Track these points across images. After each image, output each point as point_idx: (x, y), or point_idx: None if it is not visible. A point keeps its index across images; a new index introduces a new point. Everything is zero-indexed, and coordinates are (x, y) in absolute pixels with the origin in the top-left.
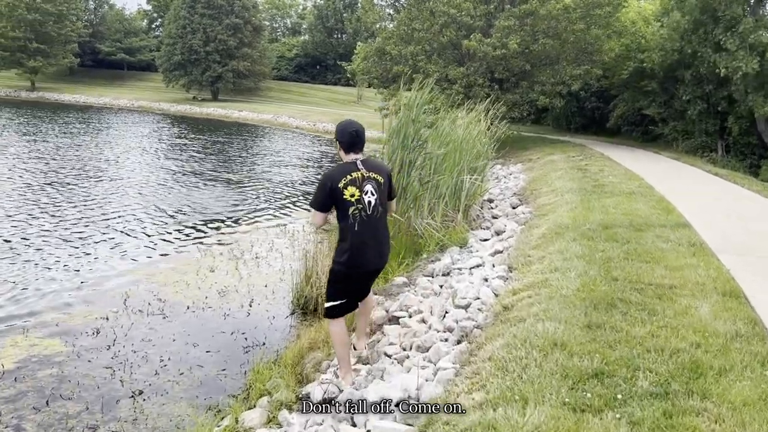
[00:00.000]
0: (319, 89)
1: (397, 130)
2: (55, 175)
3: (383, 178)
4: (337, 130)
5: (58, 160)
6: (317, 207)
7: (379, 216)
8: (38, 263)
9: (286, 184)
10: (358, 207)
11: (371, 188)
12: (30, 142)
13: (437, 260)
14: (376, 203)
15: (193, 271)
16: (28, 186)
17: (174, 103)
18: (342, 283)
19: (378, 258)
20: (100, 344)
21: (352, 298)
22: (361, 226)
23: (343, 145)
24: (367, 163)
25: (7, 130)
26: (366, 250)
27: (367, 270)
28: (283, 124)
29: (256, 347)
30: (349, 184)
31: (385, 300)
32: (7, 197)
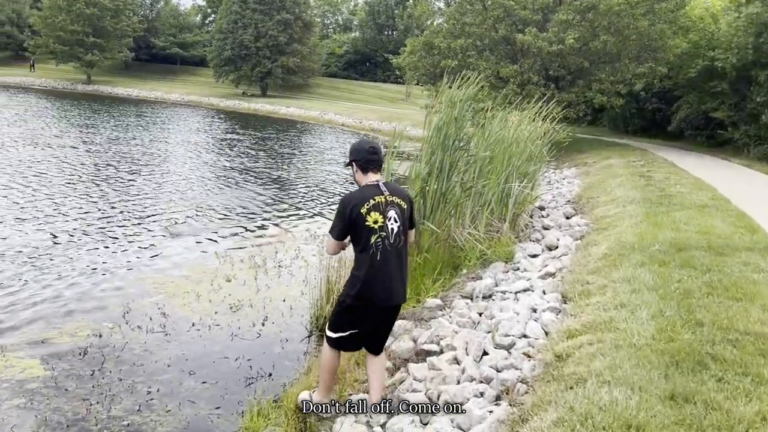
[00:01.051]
0: (367, 86)
1: (438, 128)
2: (99, 168)
3: (406, 204)
4: (351, 149)
5: (108, 153)
6: (336, 235)
7: (401, 245)
8: (42, 265)
9: (324, 183)
10: (381, 235)
11: (395, 214)
12: (83, 134)
13: (478, 278)
14: (399, 231)
15: (207, 280)
16: (75, 178)
17: (223, 98)
18: (352, 315)
19: (397, 293)
20: (83, 369)
21: (361, 338)
22: (383, 257)
23: (360, 164)
24: (389, 186)
25: (63, 122)
26: (384, 283)
27: (383, 305)
28: (329, 121)
29: (261, 379)
30: (372, 210)
31: (414, 327)
32: (45, 190)
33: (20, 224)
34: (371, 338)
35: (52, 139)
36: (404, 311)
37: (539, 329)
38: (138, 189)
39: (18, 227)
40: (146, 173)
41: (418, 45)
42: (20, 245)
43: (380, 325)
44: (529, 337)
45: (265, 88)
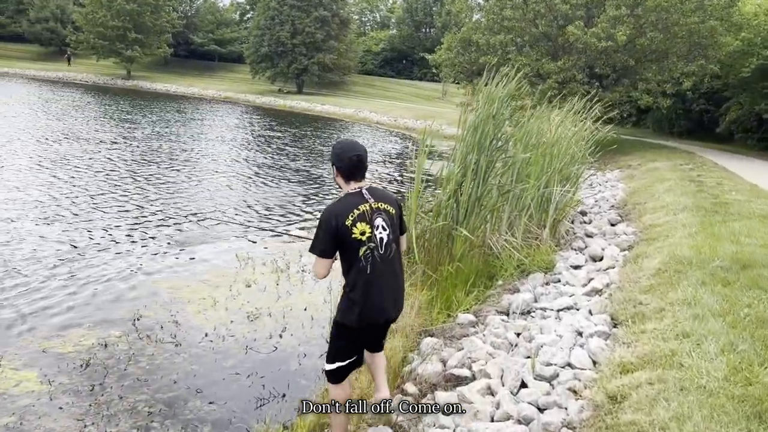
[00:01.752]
0: (403, 84)
1: (474, 127)
2: (137, 164)
3: (394, 209)
4: (333, 152)
5: (146, 149)
6: (319, 252)
7: (393, 255)
8: (58, 264)
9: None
10: (370, 246)
11: (382, 222)
12: (123, 129)
13: (515, 291)
14: (389, 240)
15: (226, 285)
16: (113, 174)
17: (259, 95)
18: (350, 341)
19: (393, 307)
20: (82, 384)
21: (360, 355)
22: (374, 269)
23: (342, 171)
24: (373, 191)
25: (104, 117)
26: (380, 297)
27: (381, 322)
28: (364, 119)
29: (273, 400)
30: (357, 220)
31: (444, 345)
32: (82, 187)
33: (47, 222)
34: (369, 345)
35: (92, 133)
36: (434, 327)
37: (586, 358)
38: (173, 186)
39: (44, 225)
40: (183, 170)
41: (455, 41)
42: (42, 243)
43: (378, 336)
44: (575, 367)
45: (301, 85)
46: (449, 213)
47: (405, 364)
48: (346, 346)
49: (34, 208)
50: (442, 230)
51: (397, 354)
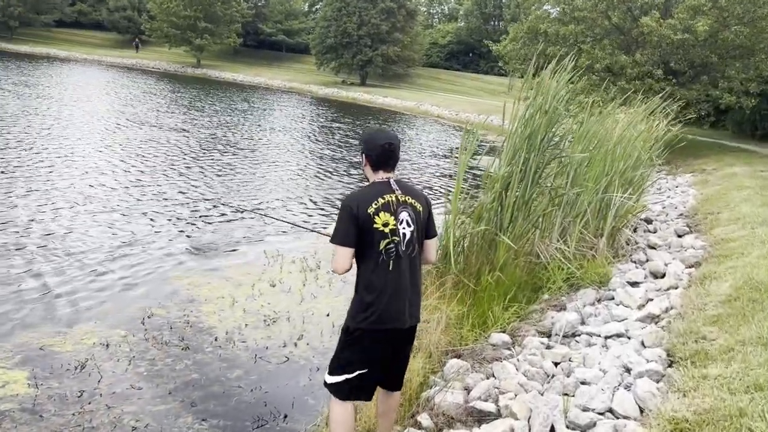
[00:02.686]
0: (468, 78)
1: (525, 122)
2: (202, 152)
3: (422, 207)
4: (363, 139)
5: (211, 137)
6: (340, 240)
7: (415, 255)
8: (85, 251)
9: (425, 177)
10: (393, 240)
11: (408, 217)
12: (190, 116)
13: (562, 308)
14: (412, 237)
15: (249, 283)
16: (176, 161)
17: (322, 86)
18: (359, 349)
19: (412, 311)
20: (72, 389)
21: (370, 378)
22: (397, 266)
23: (371, 159)
24: (402, 184)
25: (173, 104)
26: (401, 300)
27: (400, 327)
28: (425, 113)
29: (274, 421)
30: (381, 210)
31: (471, 369)
32: (143, 173)
33: (92, 208)
34: (387, 374)
35: (161, 119)
36: (462, 348)
37: (632, 404)
38: (229, 176)
39: (90, 211)
40: (244, 159)
41: (521, 31)
42: (83, 228)
43: (396, 355)
44: (617, 415)
45: (364, 76)
46: (493, 217)
47: (424, 389)
48: (357, 356)
49: (87, 192)
50: (483, 236)
51: (417, 376)
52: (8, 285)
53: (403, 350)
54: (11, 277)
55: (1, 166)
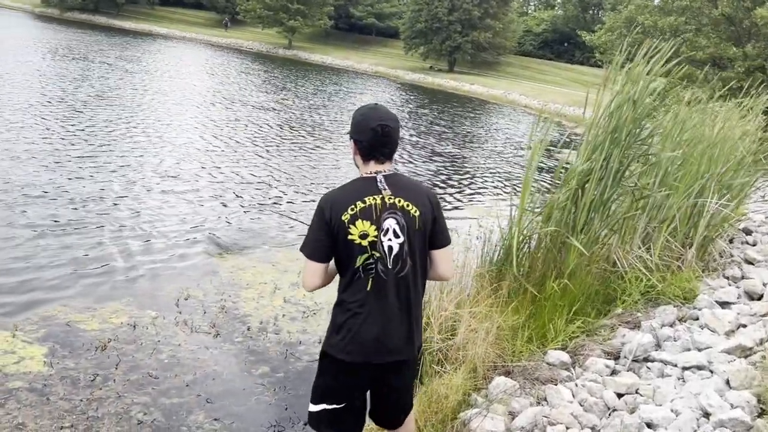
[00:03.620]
0: (562, 68)
1: (610, 114)
2: (287, 133)
3: (420, 211)
4: (352, 121)
5: (298, 119)
6: (308, 252)
7: (407, 274)
8: (137, 226)
9: (507, 170)
10: (373, 255)
11: (395, 225)
12: (278, 95)
13: (635, 326)
14: (402, 252)
15: (295, 270)
16: (261, 141)
17: (409, 71)
18: (331, 379)
19: (397, 344)
20: (87, 372)
21: (349, 415)
22: (376, 288)
23: (360, 146)
24: (395, 181)
25: (266, 83)
26: (379, 327)
27: (376, 362)
28: (512, 102)
29: (291, 428)
30: (359, 217)
31: (520, 391)
32: (228, 150)
33: (177, 183)
34: (377, 411)
35: (249, 97)
36: (513, 364)
37: None
38: (310, 157)
39: (172, 186)
40: (328, 143)
41: (618, 21)
42: (151, 201)
43: (381, 391)
44: None
45: (452, 63)
46: (565, 217)
47: (463, 409)
48: (330, 386)
49: (170, 169)
50: (552, 237)
51: (455, 393)
52: (56, 255)
53: (392, 385)
54: (62, 246)
55: (98, 138)
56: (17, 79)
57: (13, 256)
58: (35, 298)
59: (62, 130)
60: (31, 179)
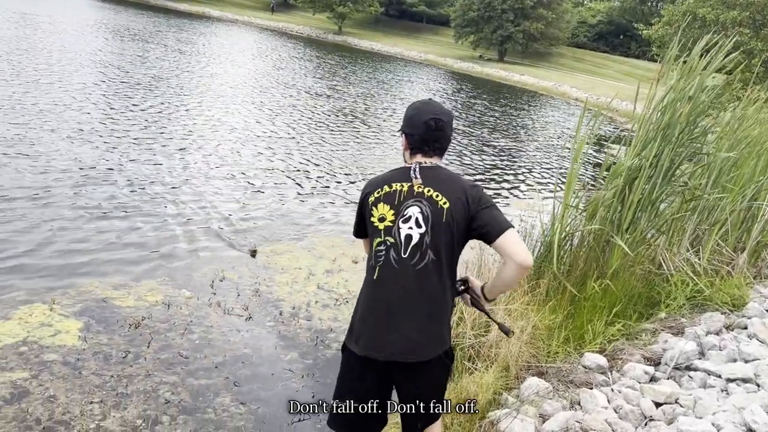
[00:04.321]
0: (616, 61)
1: (662, 109)
2: (337, 117)
3: (451, 202)
4: (405, 114)
5: (348, 104)
6: (353, 231)
7: (424, 268)
8: (181, 207)
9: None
10: (386, 242)
11: (418, 214)
12: (331, 81)
13: (679, 332)
14: (422, 242)
15: (331, 257)
16: (309, 125)
17: (458, 60)
18: (344, 371)
19: (400, 347)
20: (118, 349)
21: (360, 416)
22: (384, 277)
23: (410, 140)
24: (432, 173)
25: (319, 68)
26: (381, 321)
27: (375, 357)
28: (563, 94)
29: (316, 418)
30: (382, 200)
31: (553, 393)
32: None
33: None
34: (407, 413)
35: (305, 85)
36: (548, 365)
37: None
38: (359, 144)
39: (218, 167)
40: (380, 131)
41: (677, 14)
42: (201, 187)
43: (399, 396)
44: None
45: (503, 53)
46: (610, 215)
47: (492, 408)
48: (344, 379)
49: (220, 151)
50: (595, 236)
51: (485, 392)
52: (98, 232)
53: (404, 390)
54: (105, 223)
55: (152, 120)
56: (79, 60)
57: (57, 230)
58: (74, 273)
59: (120, 110)
60: (87, 158)
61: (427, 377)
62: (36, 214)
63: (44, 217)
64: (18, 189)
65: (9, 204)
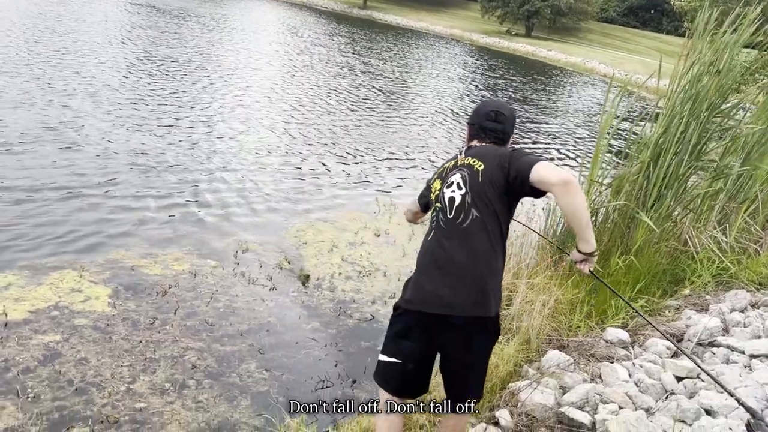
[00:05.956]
0: (645, 36)
1: (690, 83)
2: (357, 94)
3: (484, 164)
4: (474, 108)
5: (369, 81)
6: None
7: (470, 225)
8: (208, 181)
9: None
10: (436, 207)
11: (459, 179)
12: (359, 57)
13: (703, 309)
14: (464, 202)
15: (353, 230)
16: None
17: (484, 35)
18: (396, 330)
19: (453, 301)
20: (146, 314)
21: (399, 373)
22: (434, 237)
23: (472, 130)
24: (475, 149)
25: (349, 44)
26: (433, 276)
27: (434, 317)
28: (591, 70)
29: (339, 384)
30: (436, 177)
31: (574, 366)
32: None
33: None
34: (447, 373)
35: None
36: (569, 338)
37: None
38: (381, 120)
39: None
40: (399, 106)
41: None
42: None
43: (443, 354)
44: None
45: (530, 27)
46: (635, 191)
47: (513, 379)
48: (391, 335)
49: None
50: (620, 212)
51: (506, 363)
52: (125, 201)
53: (453, 350)
54: (133, 192)
55: (184, 93)
56: (108, 34)
57: (86, 199)
58: (103, 241)
59: (150, 84)
60: (120, 124)
61: (477, 336)
62: (64, 184)
63: (71, 188)
64: (49, 163)
65: (40, 174)
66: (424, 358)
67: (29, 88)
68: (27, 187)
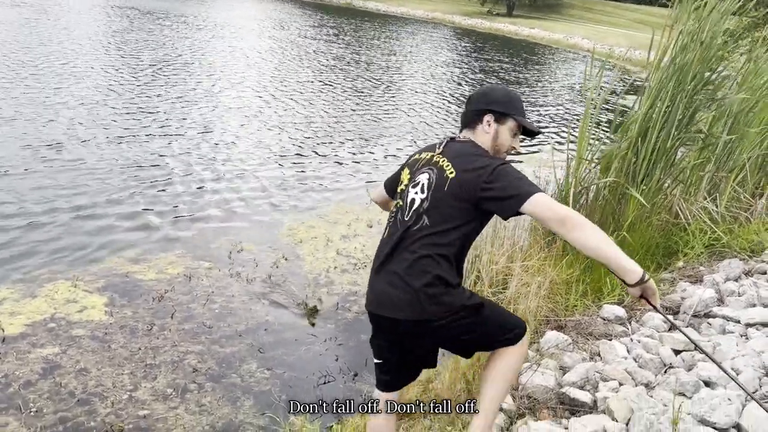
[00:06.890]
0: (627, 9)
1: (674, 54)
2: (346, 83)
3: (456, 173)
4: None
5: (354, 70)
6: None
7: (419, 231)
8: (196, 178)
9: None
10: (398, 204)
11: (426, 181)
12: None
13: (698, 280)
14: (423, 207)
15: (346, 222)
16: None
17: (466, 17)
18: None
19: (389, 302)
20: (144, 321)
21: (385, 373)
22: (389, 234)
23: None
24: (456, 147)
25: (336, 35)
26: (378, 279)
27: (373, 311)
28: (573, 46)
29: (341, 379)
30: (407, 165)
31: (572, 346)
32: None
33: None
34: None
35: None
36: (567, 318)
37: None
38: (373, 111)
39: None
40: (388, 94)
41: None
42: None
43: (399, 354)
44: None
45: (511, 7)
46: (624, 167)
47: None
48: (371, 336)
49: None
50: (610, 188)
51: None
52: (116, 206)
53: (405, 347)
54: (123, 197)
55: (173, 92)
56: (95, 40)
57: (75, 207)
58: (95, 250)
59: (135, 82)
60: (105, 129)
61: (436, 334)
62: (51, 195)
63: (58, 198)
64: (28, 167)
65: (21, 182)
66: (400, 356)
67: (19, 100)
68: (14, 200)
